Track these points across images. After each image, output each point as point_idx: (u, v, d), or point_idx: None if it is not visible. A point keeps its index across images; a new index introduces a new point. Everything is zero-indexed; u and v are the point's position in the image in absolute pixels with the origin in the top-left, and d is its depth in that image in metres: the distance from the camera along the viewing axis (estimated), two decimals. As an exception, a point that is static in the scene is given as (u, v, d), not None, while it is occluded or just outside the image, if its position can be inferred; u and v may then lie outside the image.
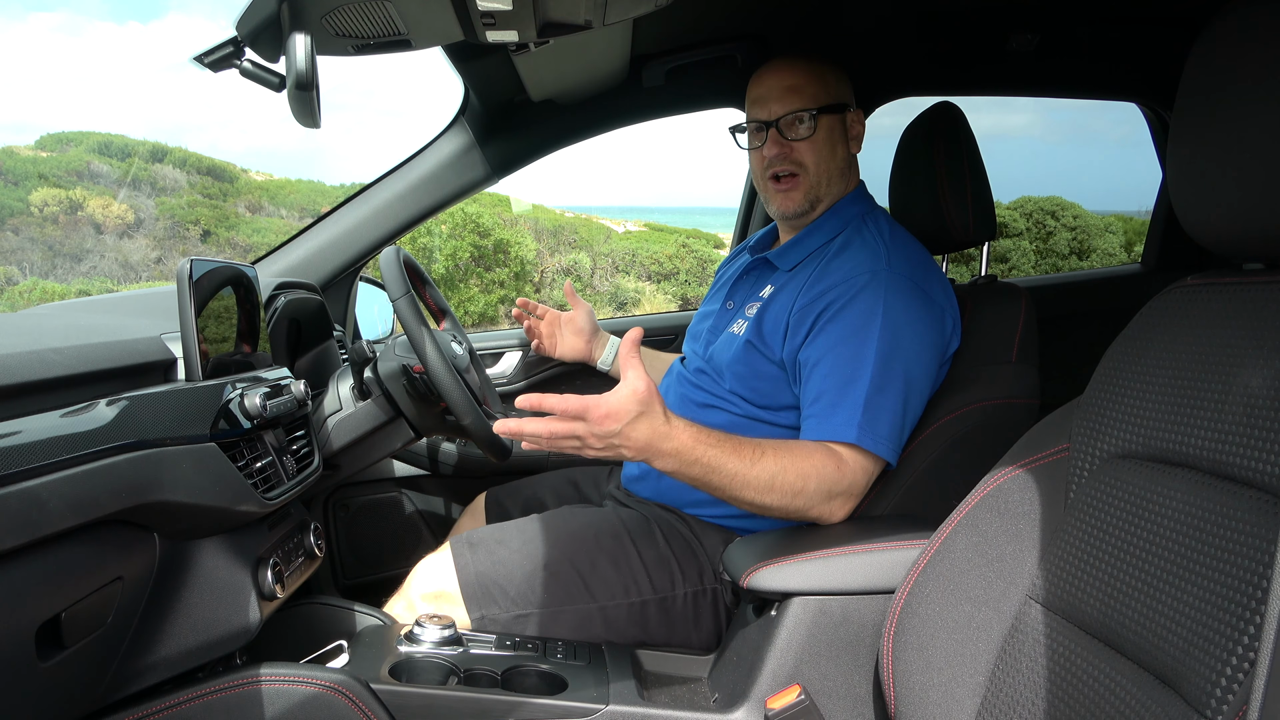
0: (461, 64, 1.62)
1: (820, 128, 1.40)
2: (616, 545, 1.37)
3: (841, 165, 1.44)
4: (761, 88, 1.43)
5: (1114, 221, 13.53)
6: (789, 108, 1.40)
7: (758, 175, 1.47)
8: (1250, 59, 0.77)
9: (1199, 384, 0.82)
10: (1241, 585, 0.70)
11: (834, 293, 1.30)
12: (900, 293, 1.29)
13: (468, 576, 1.33)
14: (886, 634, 1.06)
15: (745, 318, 1.43)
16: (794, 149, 1.41)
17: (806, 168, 1.41)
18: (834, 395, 1.24)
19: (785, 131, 1.41)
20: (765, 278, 1.46)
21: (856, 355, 1.25)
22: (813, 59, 1.43)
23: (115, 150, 21.60)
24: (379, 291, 2.04)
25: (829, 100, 1.41)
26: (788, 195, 1.42)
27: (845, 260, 1.35)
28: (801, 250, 1.43)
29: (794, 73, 1.41)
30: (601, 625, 1.34)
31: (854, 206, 1.44)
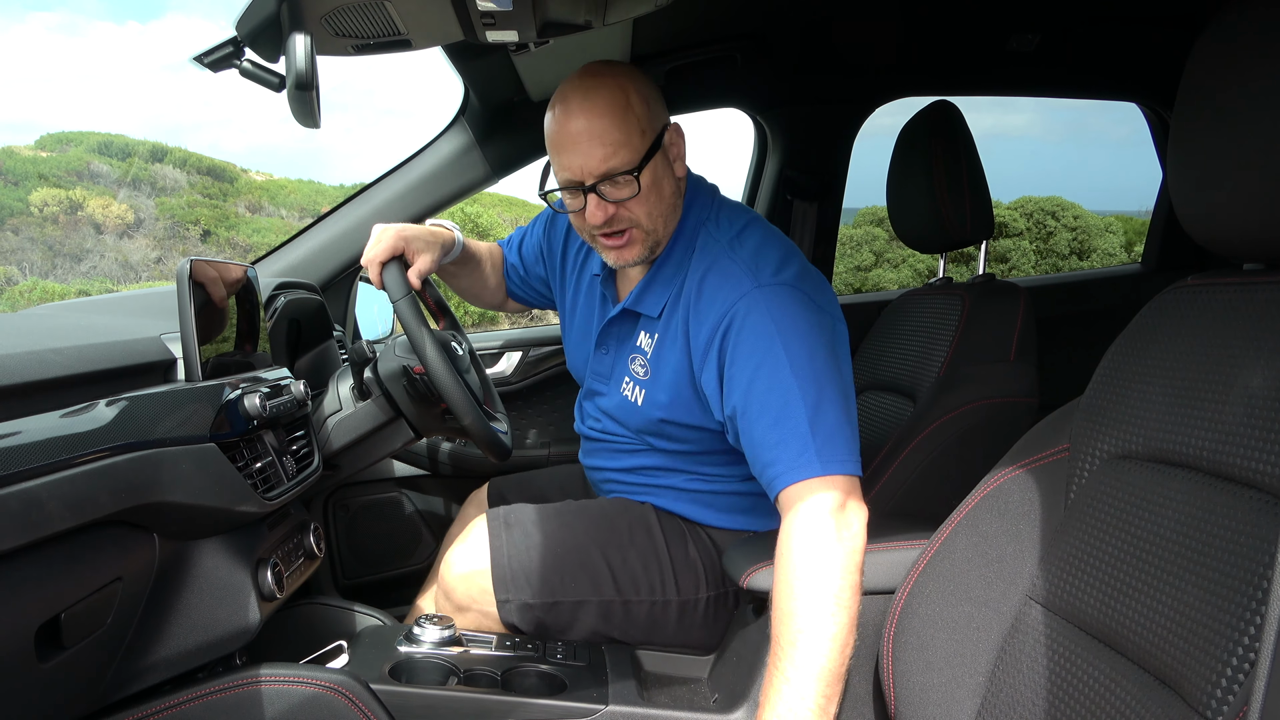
0: (461, 64, 1.62)
1: (644, 181, 1.21)
2: (649, 542, 1.36)
3: (672, 199, 1.28)
4: (565, 139, 1.21)
5: (1114, 221, 13.53)
6: (604, 168, 1.20)
7: (582, 232, 1.31)
8: (1250, 59, 0.77)
9: (1199, 384, 0.82)
10: (1242, 585, 0.70)
11: (720, 334, 1.20)
12: (780, 302, 1.18)
13: (500, 557, 1.33)
14: (886, 634, 1.06)
15: (633, 378, 1.35)
16: (620, 208, 1.23)
17: (638, 220, 1.24)
18: (776, 437, 1.12)
19: (605, 193, 1.22)
20: (636, 326, 1.36)
21: (776, 386, 1.13)
22: (610, 86, 1.21)
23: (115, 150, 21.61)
24: (379, 291, 2.03)
25: (646, 145, 1.21)
26: (625, 250, 1.27)
27: (712, 295, 1.22)
28: (660, 291, 1.31)
29: (599, 120, 1.19)
30: (623, 619, 1.34)
31: (691, 220, 1.31)
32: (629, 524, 1.38)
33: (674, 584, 1.35)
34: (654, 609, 1.34)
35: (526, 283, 1.65)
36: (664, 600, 1.34)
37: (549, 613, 1.32)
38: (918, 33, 1.96)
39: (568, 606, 1.32)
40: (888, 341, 1.76)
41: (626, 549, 1.35)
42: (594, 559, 1.34)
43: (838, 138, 2.19)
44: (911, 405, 1.60)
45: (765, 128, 2.20)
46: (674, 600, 1.35)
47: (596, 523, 1.38)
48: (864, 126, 2.23)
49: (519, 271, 1.64)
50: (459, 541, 1.38)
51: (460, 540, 1.38)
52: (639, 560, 1.35)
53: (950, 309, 1.58)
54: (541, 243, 1.59)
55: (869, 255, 13.13)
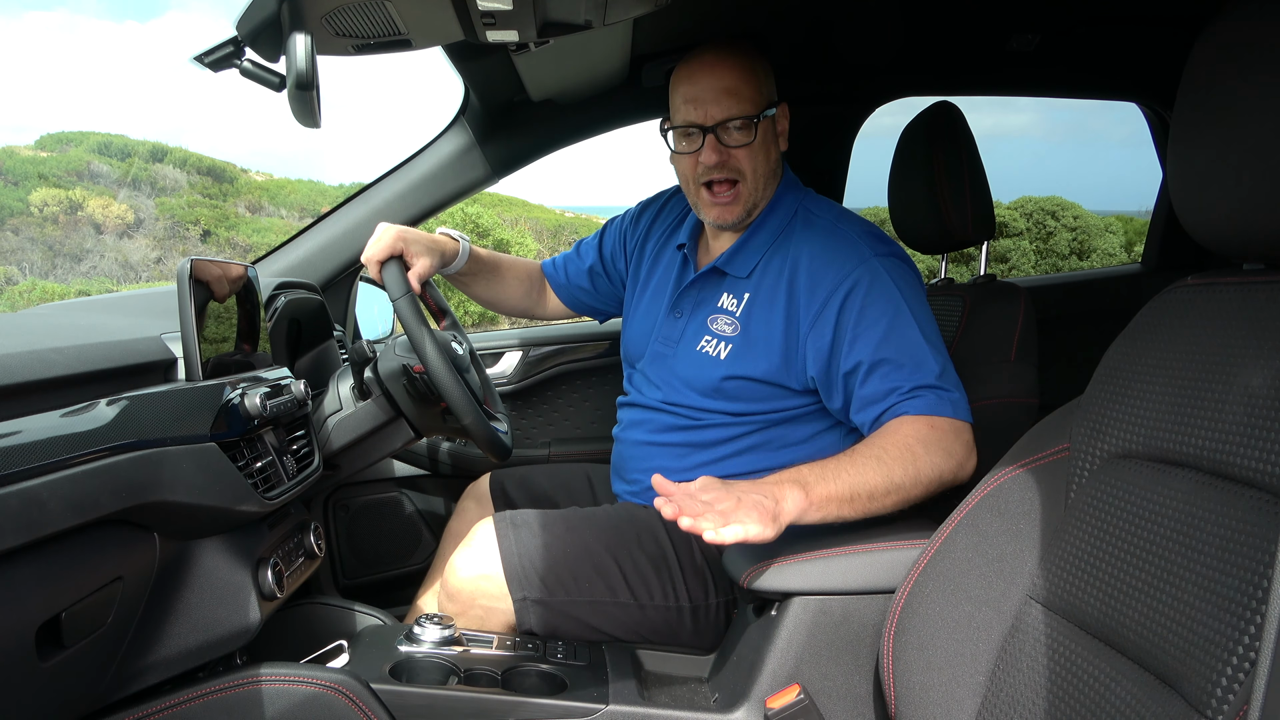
0: (461, 64, 1.62)
1: (758, 133, 1.34)
2: (656, 548, 1.36)
3: (774, 167, 1.40)
4: (695, 87, 1.34)
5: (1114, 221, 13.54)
6: (728, 113, 1.32)
7: (687, 180, 1.40)
8: (1250, 58, 0.77)
9: (1199, 384, 0.82)
10: (1242, 585, 0.70)
11: (843, 294, 1.28)
12: (899, 271, 1.30)
13: (511, 556, 1.32)
14: (887, 634, 1.06)
15: (717, 335, 1.39)
16: (732, 156, 1.34)
17: (744, 175, 1.35)
18: (914, 382, 1.23)
19: (723, 137, 1.34)
20: (719, 287, 1.42)
21: (909, 342, 1.24)
22: (747, 54, 1.36)
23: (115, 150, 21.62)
24: (379, 291, 2.04)
25: (765, 104, 1.36)
26: (728, 207, 1.37)
27: (829, 260, 1.31)
28: (752, 254, 1.39)
29: (730, 72, 1.33)
30: (640, 624, 1.34)
31: (788, 198, 1.42)
32: (636, 531, 1.38)
33: (685, 590, 1.35)
34: (669, 614, 1.34)
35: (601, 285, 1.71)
36: (678, 605, 1.35)
37: (564, 612, 1.32)
38: (918, 33, 1.96)
39: (583, 607, 1.32)
40: (888, 341, 1.76)
41: (636, 553, 1.35)
42: (606, 561, 1.34)
43: (838, 138, 2.19)
44: (911, 405, 1.59)
45: None
46: (687, 606, 1.35)
47: (604, 528, 1.38)
48: (864, 126, 2.23)
49: (597, 274, 1.70)
50: (464, 545, 1.37)
51: (465, 543, 1.37)
52: (649, 565, 1.35)
53: (951, 309, 1.58)
54: (630, 230, 1.66)
55: (869, 255, 13.12)
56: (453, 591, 1.35)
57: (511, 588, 1.31)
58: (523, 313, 1.79)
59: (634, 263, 1.63)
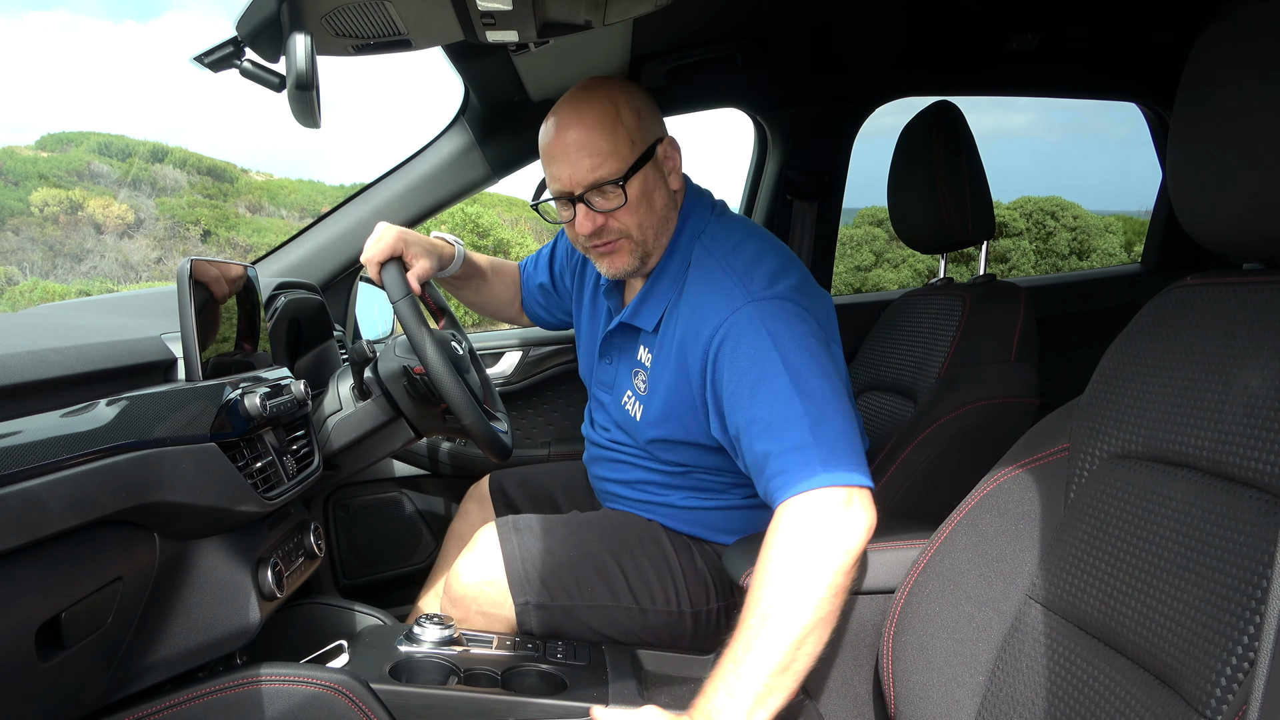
0: (461, 64, 1.62)
1: (631, 191, 1.23)
2: (659, 552, 1.36)
3: (664, 211, 1.28)
4: (555, 148, 1.23)
5: (1114, 221, 13.54)
6: (591, 178, 1.22)
7: (575, 242, 1.32)
8: (1250, 59, 0.77)
9: (1199, 384, 0.82)
10: (1241, 585, 0.70)
11: (715, 350, 1.18)
12: (774, 315, 1.16)
13: (513, 561, 1.32)
14: (886, 634, 1.06)
15: (635, 393, 1.36)
16: (609, 219, 1.25)
17: (628, 231, 1.26)
18: (780, 448, 1.08)
19: (594, 204, 1.24)
20: (635, 339, 1.37)
21: (777, 399, 1.10)
22: (608, 101, 1.23)
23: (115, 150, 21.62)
24: (379, 292, 2.04)
25: (634, 156, 1.23)
26: (614, 259, 1.28)
27: (705, 310, 1.21)
28: (655, 305, 1.31)
29: (588, 131, 1.21)
30: (641, 628, 1.34)
31: (687, 233, 1.30)
32: (638, 535, 1.38)
33: (687, 595, 1.35)
34: (670, 618, 1.34)
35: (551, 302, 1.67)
36: (679, 610, 1.34)
37: (567, 617, 1.32)
38: (918, 33, 1.96)
39: (585, 611, 1.32)
40: (888, 342, 1.76)
41: (639, 558, 1.35)
42: (609, 565, 1.34)
43: (838, 138, 2.19)
44: (912, 406, 1.60)
45: (765, 128, 2.20)
46: (688, 611, 1.35)
47: (606, 532, 1.38)
48: (864, 126, 2.23)
49: (548, 289, 1.66)
50: (467, 550, 1.37)
51: (469, 549, 1.37)
52: (652, 569, 1.35)
53: (951, 309, 1.58)
54: (569, 252, 1.61)
55: (869, 255, 13.14)
56: (456, 597, 1.35)
57: (514, 592, 1.31)
58: (511, 318, 1.77)
59: (576, 283, 1.57)
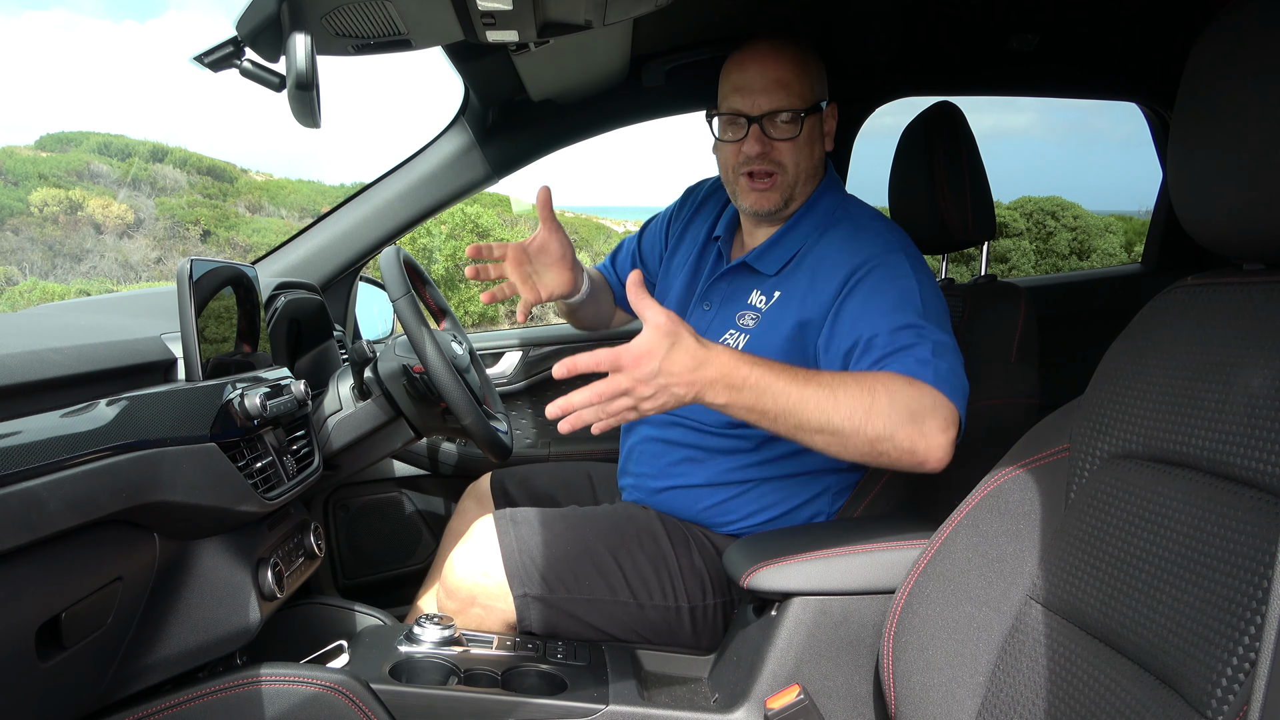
0: (461, 64, 1.62)
1: (804, 128, 1.34)
2: (655, 547, 1.36)
3: (817, 164, 1.40)
4: (745, 75, 1.34)
5: (1114, 221, 13.53)
6: (776, 104, 1.32)
7: (727, 168, 1.40)
8: (1250, 59, 0.77)
9: (1199, 384, 0.82)
10: (1242, 585, 0.70)
11: (858, 276, 1.26)
12: (918, 265, 1.28)
13: (511, 553, 1.32)
14: (887, 634, 1.06)
15: (742, 329, 1.37)
16: (775, 148, 1.34)
17: (786, 168, 1.35)
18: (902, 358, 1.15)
19: (768, 129, 1.33)
20: (749, 283, 1.40)
21: (912, 311, 1.19)
22: (800, 47, 1.36)
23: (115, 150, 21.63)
24: (379, 291, 2.04)
25: (814, 99, 1.35)
26: (764, 195, 1.36)
27: (859, 243, 1.30)
28: (783, 252, 1.38)
29: (782, 64, 1.33)
30: (639, 622, 1.34)
31: (827, 198, 1.40)
32: (635, 530, 1.38)
33: (684, 590, 1.35)
34: (668, 614, 1.34)
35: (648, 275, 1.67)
36: (676, 606, 1.35)
37: (565, 610, 1.32)
38: (918, 33, 1.96)
39: (583, 604, 1.32)
40: (888, 341, 1.76)
41: (636, 553, 1.35)
42: (606, 560, 1.34)
43: (838, 138, 2.18)
44: (911, 405, 1.59)
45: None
46: (685, 606, 1.35)
47: (603, 527, 1.38)
48: (864, 126, 2.23)
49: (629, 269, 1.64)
50: (463, 541, 1.37)
51: (465, 540, 1.37)
52: (649, 565, 1.35)
53: (951, 310, 1.57)
54: (670, 221, 1.64)
55: (869, 255, 13.12)
56: (452, 589, 1.34)
57: (512, 584, 1.31)
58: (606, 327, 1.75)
59: (670, 252, 1.60)
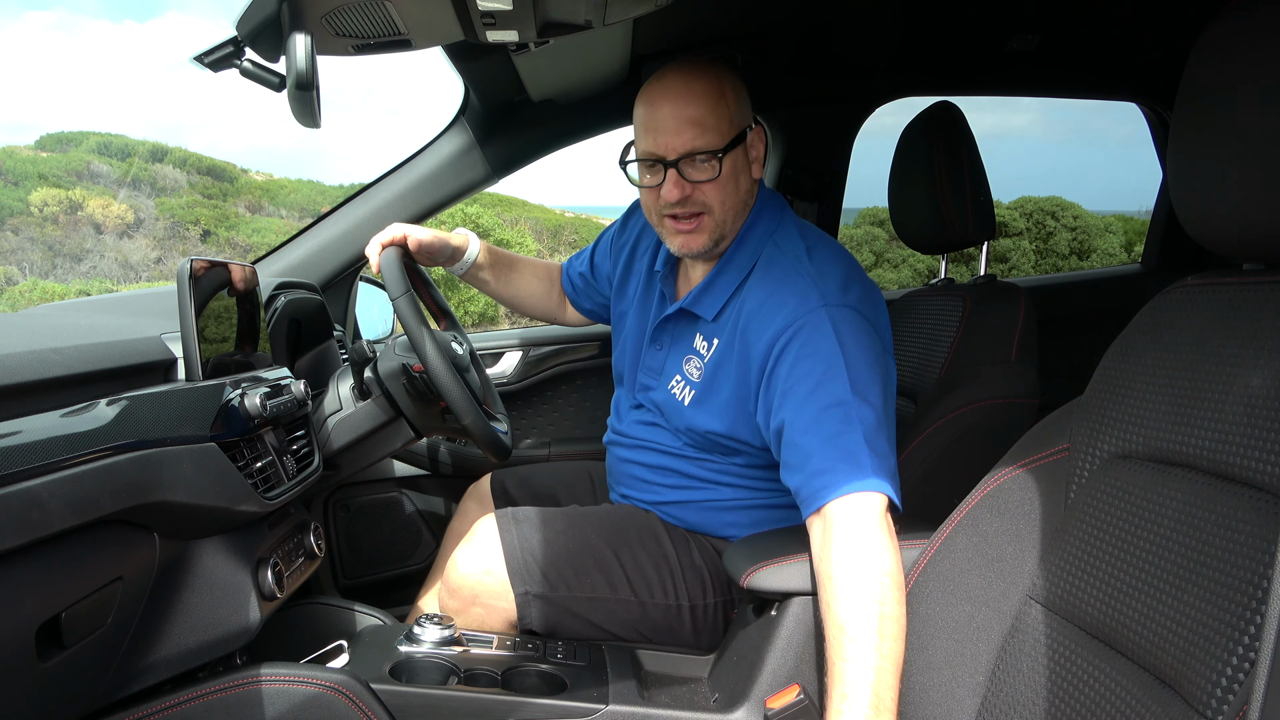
0: (461, 64, 1.62)
1: (725, 166, 1.24)
2: (657, 546, 1.37)
3: (745, 197, 1.30)
4: (657, 115, 1.24)
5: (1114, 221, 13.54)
6: (691, 146, 1.22)
7: (650, 210, 1.32)
8: (1250, 59, 0.77)
9: (1199, 384, 0.82)
10: (1242, 585, 0.70)
11: (783, 344, 1.19)
12: (846, 323, 1.18)
13: (513, 551, 1.32)
14: (886, 634, 1.06)
15: (685, 378, 1.35)
16: (697, 190, 1.24)
17: (711, 208, 1.26)
18: (833, 451, 1.11)
19: (686, 172, 1.23)
20: (691, 328, 1.36)
21: (837, 404, 1.13)
22: (715, 77, 1.25)
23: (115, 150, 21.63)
24: (379, 291, 2.04)
25: (733, 133, 1.24)
26: (691, 236, 1.28)
27: (778, 306, 1.22)
28: (718, 294, 1.31)
29: (694, 101, 1.22)
30: (640, 621, 1.34)
31: (759, 227, 1.32)
32: (637, 528, 1.38)
33: (685, 589, 1.35)
34: (668, 612, 1.35)
35: (590, 291, 1.68)
36: (677, 604, 1.35)
37: (566, 608, 1.32)
38: (918, 33, 1.96)
39: (584, 603, 1.32)
40: (888, 342, 1.76)
41: (637, 551, 1.36)
42: (607, 558, 1.34)
43: (838, 138, 2.19)
44: (913, 406, 1.60)
45: (765, 128, 2.20)
46: (686, 605, 1.35)
47: (605, 526, 1.38)
48: (864, 126, 2.23)
49: (587, 278, 1.66)
50: (465, 540, 1.37)
51: (467, 539, 1.37)
52: (650, 562, 1.35)
53: (951, 310, 1.58)
54: (616, 240, 1.61)
55: (869, 255, 13.14)
56: (454, 588, 1.35)
57: (514, 582, 1.31)
58: (546, 315, 1.76)
59: (621, 271, 1.56)
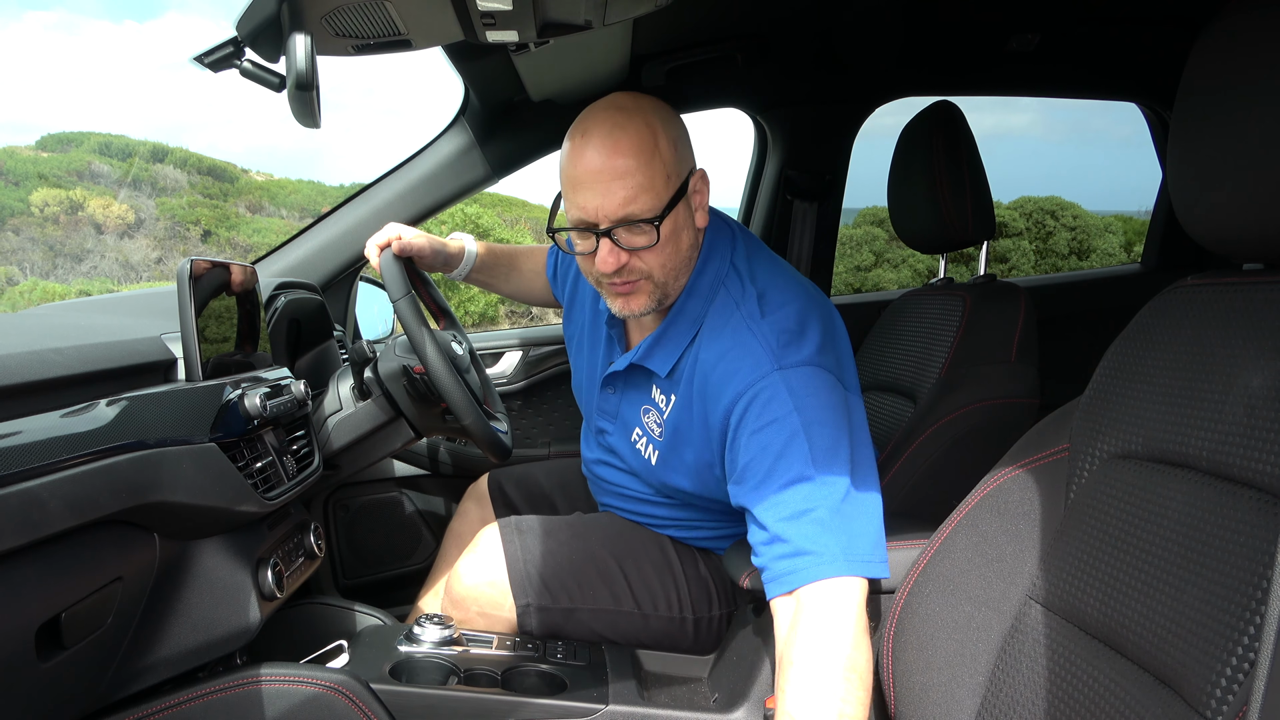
0: (461, 64, 1.62)
1: (663, 230, 1.11)
2: (662, 558, 1.36)
3: (689, 252, 1.18)
4: (583, 173, 1.10)
5: (1114, 221, 13.53)
6: (623, 213, 1.09)
7: (588, 275, 1.21)
8: (1250, 59, 0.77)
9: (1199, 384, 0.82)
10: (1242, 585, 0.70)
11: (738, 417, 1.11)
12: (803, 385, 1.08)
13: (515, 562, 1.32)
14: (886, 634, 1.06)
15: (646, 433, 1.28)
16: (634, 258, 1.13)
17: (651, 273, 1.14)
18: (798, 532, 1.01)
19: (620, 239, 1.11)
20: (646, 380, 1.27)
21: (799, 480, 1.03)
22: (645, 127, 1.10)
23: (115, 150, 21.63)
24: (379, 291, 2.04)
25: (671, 190, 1.11)
26: (631, 299, 1.17)
27: (730, 372, 1.13)
28: (670, 349, 1.21)
29: (624, 160, 1.08)
30: (642, 632, 1.34)
31: (709, 273, 1.20)
32: (642, 540, 1.38)
33: (689, 601, 1.35)
34: (671, 625, 1.34)
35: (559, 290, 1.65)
36: (681, 617, 1.34)
37: (567, 619, 1.32)
38: (918, 33, 1.96)
39: (586, 614, 1.32)
40: (888, 342, 1.76)
41: (642, 562, 1.35)
42: (611, 569, 1.33)
43: (838, 138, 2.19)
44: (912, 406, 1.60)
45: (765, 128, 2.20)
46: (690, 618, 1.34)
47: (610, 536, 1.37)
48: (864, 126, 2.23)
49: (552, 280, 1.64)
50: (468, 551, 1.37)
51: (470, 549, 1.37)
52: (655, 574, 1.35)
53: (951, 310, 1.58)
54: (560, 257, 1.57)
55: (869, 255, 13.13)
56: (457, 598, 1.35)
57: (515, 594, 1.31)
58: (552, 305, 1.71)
59: (568, 297, 1.49)
